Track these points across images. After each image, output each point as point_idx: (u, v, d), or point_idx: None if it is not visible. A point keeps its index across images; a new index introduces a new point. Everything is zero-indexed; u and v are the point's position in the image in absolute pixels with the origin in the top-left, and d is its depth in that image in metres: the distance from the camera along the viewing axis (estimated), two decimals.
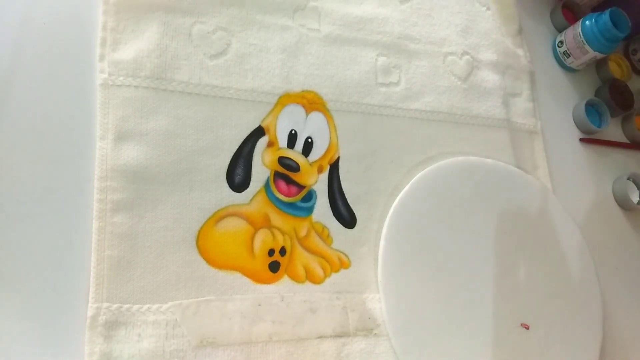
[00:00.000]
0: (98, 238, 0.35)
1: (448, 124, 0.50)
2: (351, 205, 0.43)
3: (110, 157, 0.37)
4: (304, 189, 0.42)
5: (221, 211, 0.39)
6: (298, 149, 0.43)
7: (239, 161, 0.41)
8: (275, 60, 0.45)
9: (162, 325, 0.35)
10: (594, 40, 0.56)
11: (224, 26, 0.44)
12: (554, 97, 0.59)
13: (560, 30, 0.62)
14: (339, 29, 0.48)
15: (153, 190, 0.38)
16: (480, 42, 0.55)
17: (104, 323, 0.34)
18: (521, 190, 0.49)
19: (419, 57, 0.51)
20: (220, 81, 0.42)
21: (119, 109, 0.38)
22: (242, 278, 0.38)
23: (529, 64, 0.58)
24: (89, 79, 0.39)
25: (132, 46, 0.40)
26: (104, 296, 0.34)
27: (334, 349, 0.38)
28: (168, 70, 0.41)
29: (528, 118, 0.55)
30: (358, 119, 0.46)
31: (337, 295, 0.40)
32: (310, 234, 0.41)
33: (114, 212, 0.36)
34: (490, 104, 0.53)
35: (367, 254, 0.42)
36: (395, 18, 0.51)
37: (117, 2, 0.41)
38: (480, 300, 0.43)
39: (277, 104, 0.43)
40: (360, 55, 0.48)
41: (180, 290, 0.36)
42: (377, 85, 0.48)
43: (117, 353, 0.33)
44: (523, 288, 0.45)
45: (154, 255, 0.36)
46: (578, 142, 0.58)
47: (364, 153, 0.45)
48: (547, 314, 0.45)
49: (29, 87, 0.37)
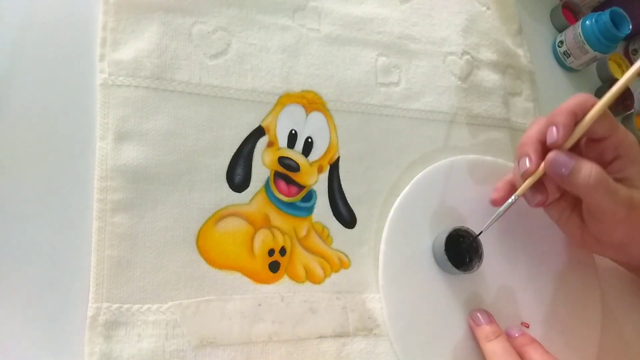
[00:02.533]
0: (98, 238, 0.35)
1: (448, 123, 0.50)
2: (351, 205, 0.43)
3: (110, 157, 0.37)
4: (304, 189, 0.42)
5: (221, 211, 0.39)
6: (298, 149, 0.43)
7: (239, 161, 0.41)
8: (275, 60, 0.45)
9: (162, 325, 0.35)
10: (594, 40, 0.56)
11: (224, 26, 0.44)
12: (554, 97, 0.59)
13: (560, 30, 0.62)
14: (339, 29, 0.48)
15: (153, 190, 0.38)
16: (481, 42, 0.55)
17: (104, 323, 0.34)
18: None
19: (419, 57, 0.51)
20: (220, 81, 0.42)
21: (119, 109, 0.38)
22: (242, 278, 0.38)
23: (529, 63, 0.58)
24: (89, 78, 0.39)
25: (132, 46, 0.40)
26: (104, 296, 0.34)
27: (334, 349, 0.38)
28: (168, 70, 0.41)
29: (528, 118, 0.55)
30: (358, 119, 0.46)
31: (337, 295, 0.40)
32: (310, 234, 0.41)
33: (114, 212, 0.36)
34: (490, 103, 0.53)
35: (367, 254, 0.42)
36: (395, 18, 0.51)
37: (117, 2, 0.41)
38: (480, 299, 0.43)
39: (277, 104, 0.43)
40: (360, 55, 0.48)
41: (180, 290, 0.36)
42: (377, 85, 0.48)
43: (117, 353, 0.33)
44: (523, 287, 0.45)
45: (154, 255, 0.36)
46: None
47: (364, 153, 0.45)
48: (547, 313, 0.45)
49: (28, 87, 0.37)
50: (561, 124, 0.37)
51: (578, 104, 0.37)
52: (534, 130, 0.39)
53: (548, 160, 0.37)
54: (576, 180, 0.36)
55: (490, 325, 0.40)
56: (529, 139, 0.39)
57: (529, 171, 0.38)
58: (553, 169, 0.37)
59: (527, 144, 0.39)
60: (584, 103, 0.37)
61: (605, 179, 0.36)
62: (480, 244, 0.42)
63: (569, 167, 0.36)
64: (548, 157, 0.37)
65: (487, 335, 0.40)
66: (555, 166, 0.37)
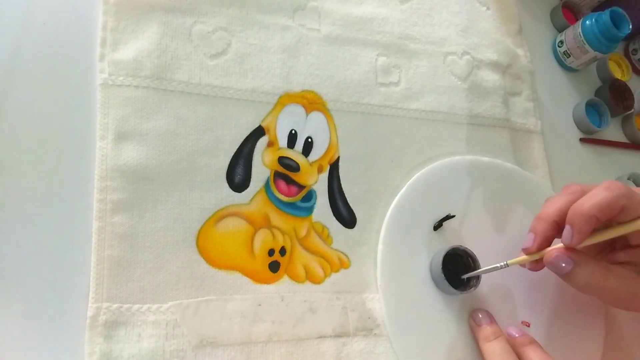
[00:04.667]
0: (98, 238, 0.35)
1: (448, 123, 0.50)
2: (351, 205, 0.43)
3: (110, 157, 0.37)
4: (304, 188, 0.42)
5: (221, 211, 0.39)
6: (298, 148, 0.43)
7: (239, 161, 0.41)
8: (275, 60, 0.45)
9: (162, 325, 0.35)
10: (594, 40, 0.56)
11: (224, 26, 0.44)
12: (554, 97, 0.59)
13: (560, 30, 0.62)
14: (339, 29, 0.48)
15: (153, 190, 0.38)
16: (481, 42, 0.55)
17: (104, 323, 0.34)
18: (520, 187, 0.49)
19: (419, 57, 0.51)
20: (220, 81, 0.42)
21: (119, 109, 0.38)
22: (242, 278, 0.38)
23: (529, 63, 0.58)
24: (89, 78, 0.39)
25: (132, 46, 0.40)
26: (104, 296, 0.34)
27: (334, 349, 0.38)
28: (168, 70, 0.41)
29: (528, 118, 0.55)
30: (358, 118, 0.46)
31: (337, 295, 0.40)
32: (310, 234, 0.41)
33: (114, 212, 0.36)
34: (490, 103, 0.53)
35: (367, 254, 0.42)
36: (395, 18, 0.51)
37: (117, 2, 0.41)
38: (481, 298, 0.43)
39: (277, 104, 0.43)
40: (360, 55, 0.48)
41: (180, 290, 0.36)
42: (377, 85, 0.48)
43: (117, 353, 0.33)
44: (523, 286, 0.45)
45: (154, 255, 0.36)
46: (578, 142, 0.58)
47: (364, 153, 0.45)
48: (548, 312, 0.45)
49: (28, 87, 0.37)
50: (577, 229, 0.36)
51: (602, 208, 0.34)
52: (554, 208, 0.38)
53: (548, 258, 0.38)
54: (573, 282, 0.37)
55: (490, 325, 0.40)
56: (546, 216, 0.38)
57: (528, 250, 0.39)
58: (552, 266, 0.38)
59: (542, 221, 0.39)
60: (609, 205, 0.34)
61: (600, 287, 0.37)
62: (478, 263, 0.42)
63: (567, 269, 0.37)
64: (551, 254, 0.38)
65: (487, 336, 0.40)
66: (554, 266, 0.37)
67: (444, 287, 0.41)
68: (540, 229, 0.39)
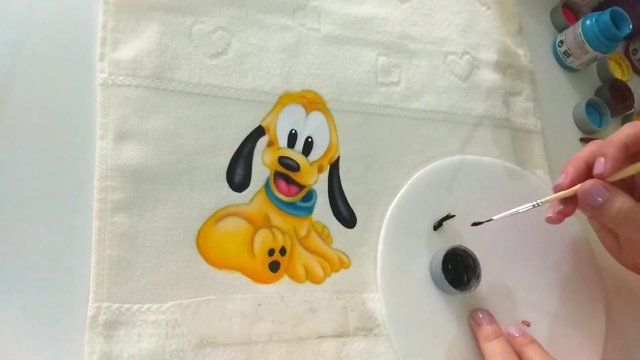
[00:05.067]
0: (98, 238, 0.35)
1: (448, 123, 0.50)
2: (351, 205, 0.43)
3: (110, 156, 0.37)
4: (304, 188, 0.42)
5: (221, 211, 0.39)
6: (298, 148, 0.43)
7: (239, 161, 0.41)
8: (275, 60, 0.45)
9: (162, 325, 0.35)
10: (595, 40, 0.56)
11: (224, 26, 0.44)
12: (554, 97, 0.59)
13: (560, 30, 0.62)
14: (339, 29, 0.48)
15: (153, 190, 0.38)
16: (481, 42, 0.55)
17: (104, 323, 0.34)
18: (520, 187, 0.49)
19: (419, 56, 0.51)
20: (220, 81, 0.42)
21: (119, 109, 0.38)
22: (242, 278, 0.38)
23: (529, 63, 0.58)
24: (89, 78, 0.39)
25: (132, 46, 0.40)
26: (104, 296, 0.34)
27: (334, 348, 0.38)
28: (168, 69, 0.41)
29: (528, 118, 0.55)
30: (358, 118, 0.46)
31: (337, 295, 0.40)
32: (310, 234, 0.41)
33: (114, 211, 0.36)
34: (490, 103, 0.53)
35: (367, 253, 0.42)
36: (396, 18, 0.51)
37: (117, 2, 0.41)
38: (481, 298, 0.43)
39: (277, 104, 0.43)
40: (360, 55, 0.48)
41: (180, 290, 0.36)
42: (377, 85, 0.48)
43: (117, 353, 0.33)
44: (524, 285, 0.45)
45: (154, 255, 0.36)
46: (578, 142, 0.58)
47: (364, 153, 0.45)
48: (549, 311, 0.45)
49: (28, 87, 0.37)
50: (610, 156, 0.37)
51: (631, 136, 0.37)
52: (585, 152, 0.40)
53: (584, 188, 0.38)
54: (606, 213, 0.37)
55: (491, 325, 0.40)
56: (576, 158, 0.40)
57: (561, 185, 0.39)
58: (586, 197, 0.37)
59: (572, 161, 0.40)
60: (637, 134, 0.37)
61: (635, 214, 0.36)
62: (478, 263, 0.42)
63: (602, 200, 0.37)
64: (585, 183, 0.38)
65: (488, 336, 0.40)
66: (589, 196, 0.37)
67: (444, 286, 0.41)
68: (572, 168, 0.39)
